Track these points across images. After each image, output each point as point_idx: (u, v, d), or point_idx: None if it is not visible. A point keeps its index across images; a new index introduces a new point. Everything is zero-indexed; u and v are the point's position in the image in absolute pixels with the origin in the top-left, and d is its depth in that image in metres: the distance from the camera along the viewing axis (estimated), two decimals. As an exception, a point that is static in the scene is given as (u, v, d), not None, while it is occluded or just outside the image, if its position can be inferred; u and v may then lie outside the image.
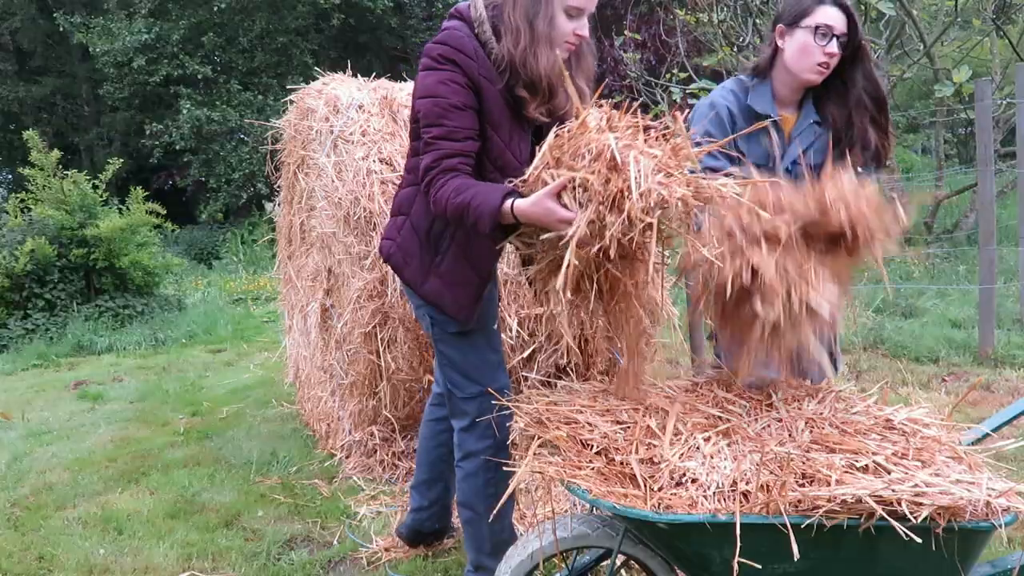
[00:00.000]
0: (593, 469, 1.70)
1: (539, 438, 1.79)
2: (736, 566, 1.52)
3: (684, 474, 1.68)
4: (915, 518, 1.47)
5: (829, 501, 1.51)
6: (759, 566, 1.55)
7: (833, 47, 2.24)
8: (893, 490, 1.50)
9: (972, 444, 1.84)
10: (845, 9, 2.25)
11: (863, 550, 1.56)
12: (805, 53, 2.27)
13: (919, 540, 1.49)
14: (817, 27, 2.24)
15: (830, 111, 2.37)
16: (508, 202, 1.87)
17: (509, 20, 1.99)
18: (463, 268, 2.17)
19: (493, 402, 2.09)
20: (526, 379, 3.32)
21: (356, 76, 3.86)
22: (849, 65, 2.31)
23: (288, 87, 4.36)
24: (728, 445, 1.77)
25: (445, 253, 2.17)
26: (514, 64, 2.00)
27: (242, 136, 14.68)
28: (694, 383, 2.11)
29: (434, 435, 2.60)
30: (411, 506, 2.74)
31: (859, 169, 2.11)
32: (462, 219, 1.97)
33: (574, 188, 1.71)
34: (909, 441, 1.74)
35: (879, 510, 1.48)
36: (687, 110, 2.21)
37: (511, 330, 3.35)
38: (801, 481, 1.62)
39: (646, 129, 1.76)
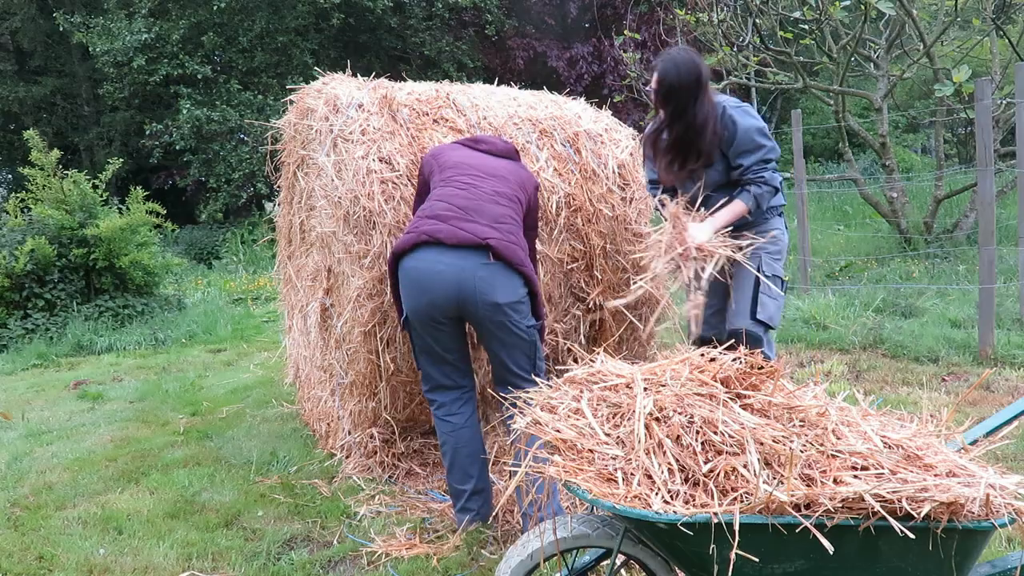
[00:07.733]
0: (593, 469, 1.70)
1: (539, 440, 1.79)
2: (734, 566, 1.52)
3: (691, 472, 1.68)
4: (916, 514, 1.47)
5: (830, 500, 1.50)
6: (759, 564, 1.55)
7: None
8: (894, 490, 1.50)
9: (970, 444, 1.85)
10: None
11: (863, 550, 1.56)
12: None
13: (913, 537, 1.49)
14: None
15: None
16: None
17: None
18: None
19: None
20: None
21: (356, 76, 3.85)
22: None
23: (288, 87, 4.36)
24: (729, 444, 1.76)
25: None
26: None
27: (242, 136, 14.66)
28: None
29: (480, 447, 2.96)
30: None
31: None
32: None
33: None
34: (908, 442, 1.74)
35: (879, 508, 1.48)
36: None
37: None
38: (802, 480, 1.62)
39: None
